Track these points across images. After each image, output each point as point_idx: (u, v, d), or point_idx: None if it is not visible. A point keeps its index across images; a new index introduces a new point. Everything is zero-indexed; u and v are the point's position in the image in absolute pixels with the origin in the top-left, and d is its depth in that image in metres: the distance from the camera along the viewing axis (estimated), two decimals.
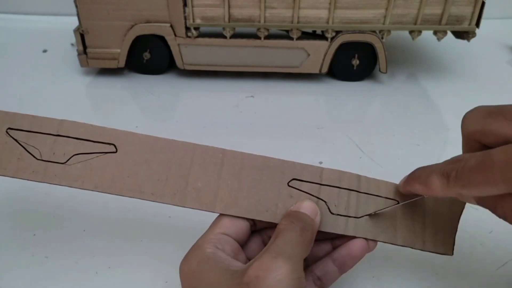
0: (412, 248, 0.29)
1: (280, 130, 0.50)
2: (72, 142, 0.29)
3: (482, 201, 0.25)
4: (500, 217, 0.24)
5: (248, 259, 0.29)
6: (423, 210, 0.30)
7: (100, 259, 0.34)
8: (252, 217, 0.29)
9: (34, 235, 0.36)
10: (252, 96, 0.56)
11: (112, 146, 0.29)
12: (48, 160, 0.28)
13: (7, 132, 0.29)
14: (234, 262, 0.26)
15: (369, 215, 0.29)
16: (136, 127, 0.50)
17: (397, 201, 0.30)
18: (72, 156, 0.29)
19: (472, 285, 0.33)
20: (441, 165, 0.25)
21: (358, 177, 0.30)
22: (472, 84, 0.60)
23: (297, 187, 0.29)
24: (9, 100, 0.55)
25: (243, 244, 0.29)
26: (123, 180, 0.28)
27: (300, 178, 0.29)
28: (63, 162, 0.28)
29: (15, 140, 0.29)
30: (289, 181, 0.29)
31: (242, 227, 0.28)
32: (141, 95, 0.56)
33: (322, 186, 0.29)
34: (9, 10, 0.75)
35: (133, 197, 0.28)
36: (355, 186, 0.30)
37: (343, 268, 0.29)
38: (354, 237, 0.29)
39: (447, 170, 0.24)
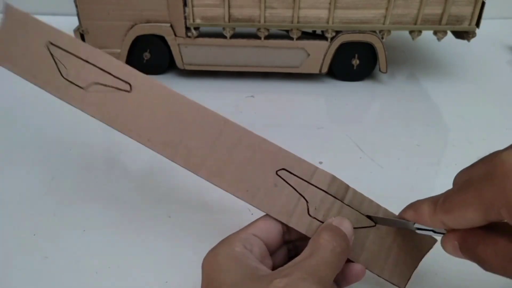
0: (370, 271, 0.29)
1: (280, 130, 0.50)
2: (96, 72, 0.30)
3: (465, 247, 0.25)
4: (485, 269, 0.24)
5: (274, 265, 0.28)
6: (393, 240, 0.30)
7: (100, 259, 0.34)
8: (231, 192, 0.29)
9: (34, 235, 0.36)
10: (252, 96, 0.56)
11: (128, 85, 0.30)
12: (72, 81, 0.30)
13: (47, 45, 0.31)
14: (260, 265, 0.26)
15: None
16: None
17: (374, 223, 0.29)
18: (92, 84, 0.30)
19: (472, 284, 0.33)
20: (437, 195, 0.25)
21: (347, 187, 0.30)
22: (472, 84, 0.60)
23: (284, 178, 0.29)
24: (9, 100, 0.55)
25: (272, 250, 0.29)
26: (126, 118, 0.30)
27: (290, 170, 0.29)
28: (83, 86, 0.30)
29: (52, 54, 0.31)
30: (278, 170, 0.29)
31: (274, 232, 0.28)
32: None
33: (309, 185, 0.29)
34: None
35: (130, 138, 0.30)
36: (341, 195, 0.29)
37: (339, 285, 0.29)
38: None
39: (437, 197, 0.25)
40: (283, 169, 0.29)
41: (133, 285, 0.33)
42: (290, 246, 0.30)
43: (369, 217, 0.29)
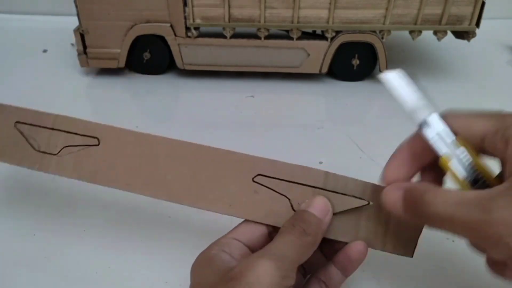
0: (372, 248, 0.29)
1: (280, 130, 0.50)
2: (64, 135, 0.31)
3: (409, 197, 0.25)
4: (429, 224, 0.24)
5: None
6: (389, 213, 0.29)
7: (100, 259, 0.34)
8: (215, 211, 0.29)
9: (34, 235, 0.36)
10: (252, 96, 0.56)
11: (95, 139, 0.31)
12: (45, 151, 0.31)
13: (15, 125, 0.32)
14: (235, 263, 0.26)
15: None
16: (136, 127, 0.49)
17: (366, 200, 0.29)
18: (63, 148, 0.31)
19: (472, 284, 0.33)
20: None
21: (326, 174, 0.29)
22: (472, 84, 0.60)
23: (261, 183, 0.29)
24: (9, 100, 0.55)
25: (257, 250, 0.29)
26: (102, 171, 0.31)
27: (265, 174, 0.29)
28: (55, 153, 0.31)
29: (20, 132, 0.32)
30: (254, 177, 0.29)
31: (257, 234, 0.29)
32: (141, 95, 0.56)
33: (287, 183, 0.29)
34: (9, 10, 0.75)
35: (111, 187, 0.30)
36: (321, 183, 0.29)
37: (345, 272, 0.29)
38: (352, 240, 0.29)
39: None
40: (258, 174, 0.30)
41: (133, 285, 0.33)
42: None
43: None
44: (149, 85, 0.58)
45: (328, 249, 0.30)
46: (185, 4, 0.53)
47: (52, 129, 0.32)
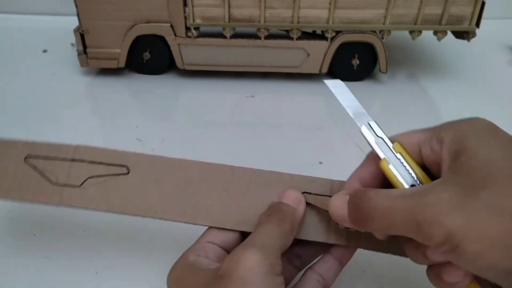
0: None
1: (280, 130, 0.50)
2: (86, 166, 0.30)
3: (354, 199, 0.25)
4: (369, 227, 0.24)
5: None
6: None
7: (100, 259, 0.34)
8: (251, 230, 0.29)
9: (34, 235, 0.36)
10: (252, 96, 0.56)
11: (124, 168, 0.29)
12: (65, 183, 0.29)
13: (25, 160, 0.30)
14: (215, 264, 0.26)
15: None
16: (136, 127, 0.50)
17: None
18: (87, 179, 0.29)
19: None
20: None
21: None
22: (472, 84, 0.60)
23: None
24: (9, 100, 0.55)
25: (232, 250, 0.29)
26: (135, 200, 0.29)
27: (306, 191, 0.29)
28: (78, 185, 0.29)
29: (33, 167, 0.30)
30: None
31: (230, 235, 0.29)
32: (141, 95, 0.56)
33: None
34: (9, 10, 0.75)
35: (146, 217, 0.29)
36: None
37: (342, 260, 0.29)
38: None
39: None
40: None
41: (133, 285, 0.33)
42: None
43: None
44: (149, 85, 0.58)
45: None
46: (185, 4, 0.53)
47: (73, 160, 0.30)
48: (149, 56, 0.58)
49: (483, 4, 0.53)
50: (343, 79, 0.62)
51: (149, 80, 0.59)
